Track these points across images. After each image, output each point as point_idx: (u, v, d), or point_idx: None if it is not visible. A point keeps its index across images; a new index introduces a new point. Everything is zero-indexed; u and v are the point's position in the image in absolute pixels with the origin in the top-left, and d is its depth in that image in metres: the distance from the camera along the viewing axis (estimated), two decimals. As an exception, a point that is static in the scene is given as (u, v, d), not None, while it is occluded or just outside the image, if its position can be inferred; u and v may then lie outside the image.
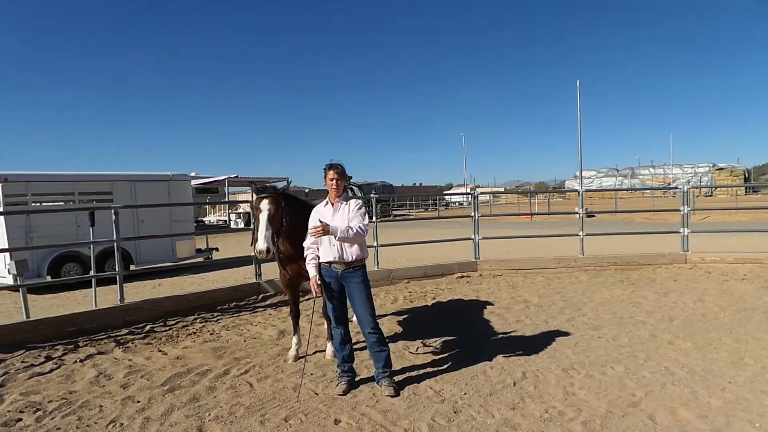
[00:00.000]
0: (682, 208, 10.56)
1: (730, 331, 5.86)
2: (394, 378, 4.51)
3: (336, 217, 4.43)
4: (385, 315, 7.03)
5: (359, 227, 4.34)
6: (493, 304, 7.49)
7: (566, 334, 5.91)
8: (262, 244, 4.58)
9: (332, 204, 4.51)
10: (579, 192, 11.46)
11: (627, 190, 68.54)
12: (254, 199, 4.90)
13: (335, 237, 4.30)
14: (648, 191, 55.16)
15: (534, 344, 5.54)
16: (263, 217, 4.66)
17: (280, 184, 5.38)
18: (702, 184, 61.59)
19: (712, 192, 56.41)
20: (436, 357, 5.25)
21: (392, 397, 4.25)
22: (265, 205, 4.72)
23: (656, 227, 18.51)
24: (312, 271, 4.47)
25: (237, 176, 27.21)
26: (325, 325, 5.63)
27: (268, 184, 5.05)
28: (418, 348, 5.56)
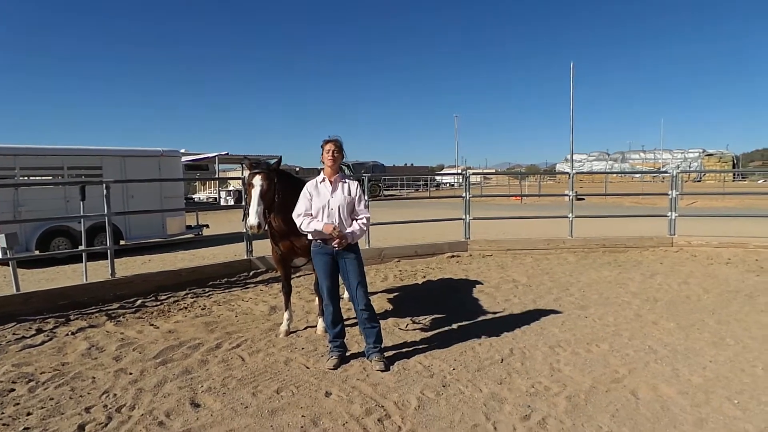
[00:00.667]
0: (670, 192, 10.68)
1: (713, 312, 5.99)
2: (385, 354, 4.59)
3: (336, 195, 4.45)
4: (376, 293, 7.10)
5: (366, 219, 4.52)
6: (482, 284, 7.59)
7: (553, 313, 6.02)
8: (253, 219, 4.60)
9: (330, 182, 4.52)
10: (570, 174, 11.53)
11: (617, 173, 68.92)
12: (247, 174, 4.90)
13: (350, 241, 4.42)
14: (638, 175, 55.52)
15: (522, 322, 5.64)
16: (255, 193, 4.67)
17: (272, 161, 5.37)
18: (691, 169, 62.04)
19: (700, 177, 56.87)
20: (426, 334, 5.33)
21: (382, 371, 4.33)
22: (257, 180, 4.72)
23: (644, 211, 18.70)
24: (319, 224, 4.37)
25: (227, 153, 27.02)
26: (316, 301, 5.69)
27: (260, 160, 5.04)
28: (407, 325, 5.64)
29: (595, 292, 7.02)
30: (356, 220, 4.53)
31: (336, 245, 4.38)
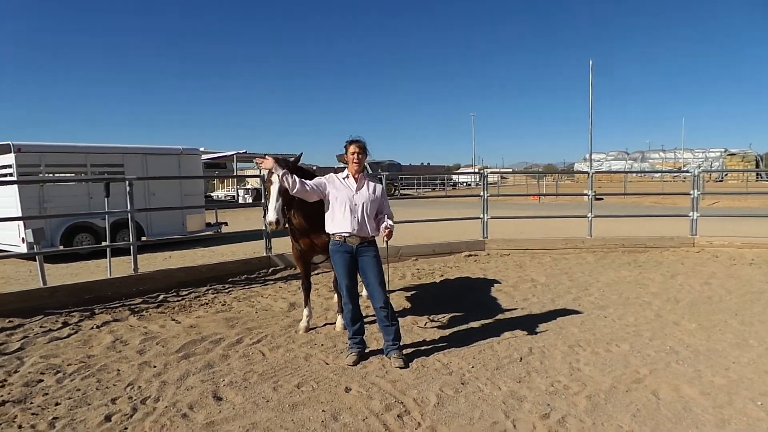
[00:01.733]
0: (692, 192, 10.54)
1: (736, 313, 5.91)
2: (403, 351, 4.62)
3: (360, 193, 4.49)
4: (394, 291, 7.13)
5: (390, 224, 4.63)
6: (500, 283, 7.57)
7: (573, 312, 6.00)
8: (272, 216, 4.64)
9: (355, 178, 4.54)
10: (588, 174, 11.44)
11: (636, 173, 68.05)
12: (266, 172, 4.96)
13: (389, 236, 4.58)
14: (657, 175, 54.77)
15: (540, 322, 5.63)
16: (274, 189, 4.72)
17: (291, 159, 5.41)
18: (713, 168, 61.00)
19: (722, 177, 55.90)
20: (444, 332, 5.35)
21: (401, 368, 4.35)
22: (276, 177, 4.78)
23: (665, 211, 18.45)
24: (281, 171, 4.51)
25: (246, 152, 27.28)
26: (335, 299, 5.73)
27: (280, 158, 5.09)
28: (426, 323, 5.66)
29: (614, 292, 6.97)
30: (381, 222, 4.58)
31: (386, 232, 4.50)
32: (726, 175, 56.60)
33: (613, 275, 8.00)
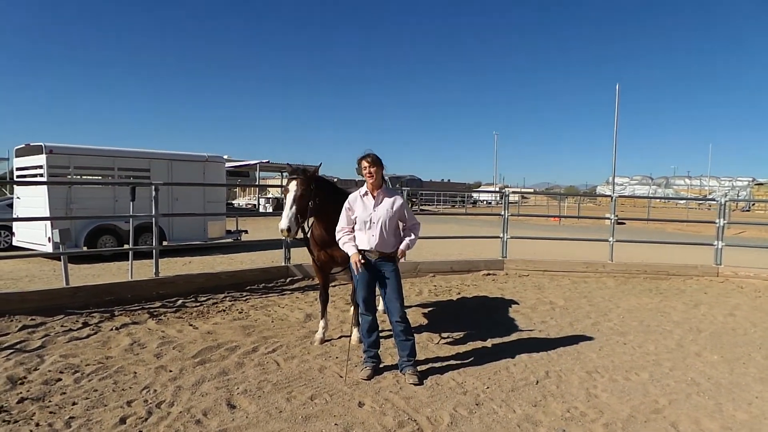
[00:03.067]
0: (718, 221, 10.35)
1: (761, 347, 5.76)
2: (418, 367, 4.59)
3: (378, 209, 4.49)
4: (410, 306, 7.10)
5: (414, 235, 4.66)
6: (518, 303, 7.50)
7: (591, 337, 5.90)
8: (284, 223, 4.67)
9: (373, 196, 4.55)
10: (612, 197, 11.31)
11: (661, 198, 67.05)
12: (287, 179, 5.03)
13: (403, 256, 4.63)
14: (682, 202, 53.88)
15: (558, 345, 5.55)
16: (289, 197, 4.76)
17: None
18: (740, 198, 59.84)
19: (749, 207, 54.79)
20: (460, 350, 5.30)
21: (416, 385, 4.33)
22: (292, 186, 4.81)
23: (689, 238, 18.12)
24: (351, 249, 4.49)
25: (268, 161, 27.58)
26: (351, 311, 5.73)
27: (300, 167, 5.14)
28: (440, 341, 5.62)
29: (635, 318, 6.84)
30: (404, 238, 4.60)
31: (356, 268, 4.44)
32: (753, 204, 55.47)
33: (634, 301, 7.87)
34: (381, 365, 4.69)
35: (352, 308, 5.43)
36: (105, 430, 3.46)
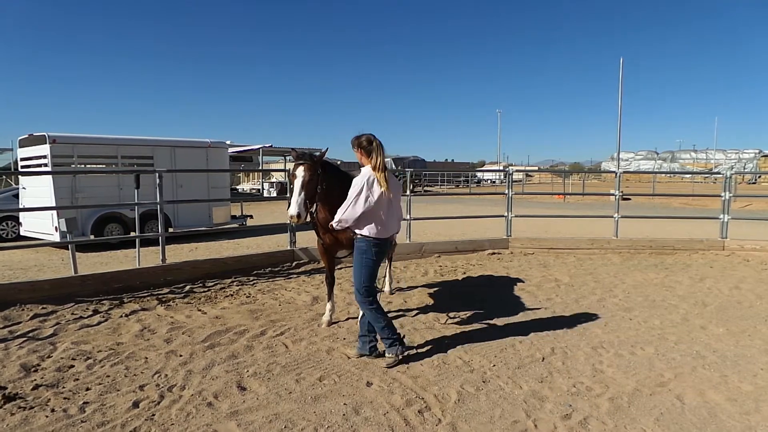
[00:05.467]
0: (723, 194, 10.31)
1: (766, 319, 5.78)
2: (425, 348, 4.62)
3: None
4: (416, 287, 7.15)
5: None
6: (523, 282, 7.53)
7: (596, 313, 5.93)
8: (293, 209, 4.66)
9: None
10: (616, 173, 11.26)
11: (665, 173, 66.67)
12: (292, 165, 5.01)
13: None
14: (688, 176, 53.55)
15: (563, 322, 5.59)
16: (297, 183, 4.73)
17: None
18: (746, 170, 59.44)
19: (756, 179, 54.41)
20: (466, 330, 5.35)
21: (389, 367, 4.30)
22: (300, 171, 4.76)
23: (694, 213, 18.07)
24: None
25: (271, 146, 27.45)
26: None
27: (305, 152, 5.12)
28: (447, 320, 5.66)
29: (640, 294, 6.87)
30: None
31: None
32: (759, 177, 55.07)
33: (640, 277, 7.89)
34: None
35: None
36: (119, 414, 3.53)
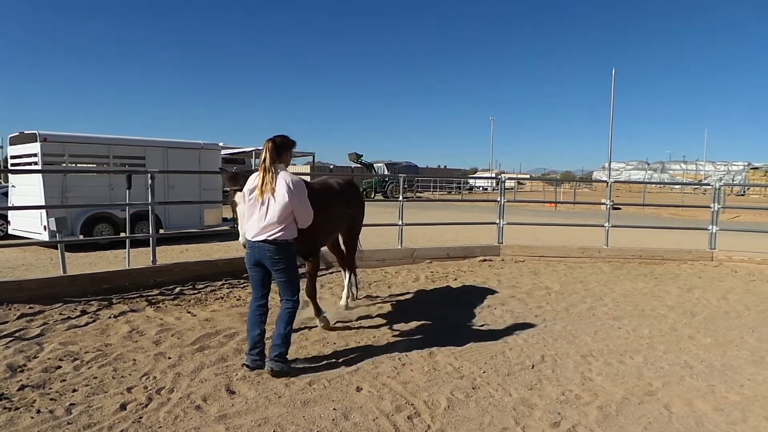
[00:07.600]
0: (712, 205, 10.40)
1: (753, 330, 5.83)
2: (414, 351, 4.63)
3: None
4: (408, 293, 7.15)
5: None
6: (514, 289, 7.55)
7: (586, 322, 5.96)
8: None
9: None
10: (607, 183, 11.34)
11: (656, 183, 67.18)
12: (230, 191, 4.61)
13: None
14: (677, 186, 54.02)
15: (554, 330, 5.61)
16: (240, 210, 4.46)
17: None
18: (735, 182, 60.02)
19: (744, 191, 54.98)
20: (456, 336, 5.35)
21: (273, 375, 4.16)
22: (239, 197, 4.45)
23: (684, 223, 18.24)
24: None
25: (264, 148, 27.36)
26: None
27: (237, 172, 4.69)
28: (436, 327, 5.66)
29: (629, 303, 6.91)
30: None
31: None
32: (748, 189, 55.67)
33: (629, 286, 7.93)
34: (382, 354, 4.74)
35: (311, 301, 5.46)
36: (106, 417, 3.49)
